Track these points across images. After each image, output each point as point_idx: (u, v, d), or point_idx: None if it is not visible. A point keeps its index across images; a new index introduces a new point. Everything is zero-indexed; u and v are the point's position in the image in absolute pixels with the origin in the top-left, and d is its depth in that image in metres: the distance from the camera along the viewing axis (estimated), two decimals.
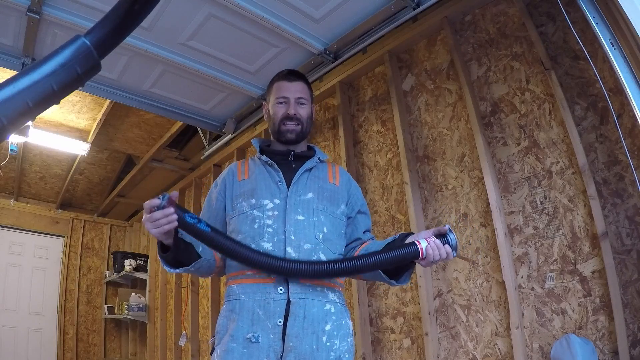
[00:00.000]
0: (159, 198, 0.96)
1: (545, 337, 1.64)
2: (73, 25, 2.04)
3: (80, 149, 3.98)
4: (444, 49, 2.23)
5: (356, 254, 1.27)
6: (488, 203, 1.84)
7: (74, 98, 3.48)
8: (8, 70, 2.36)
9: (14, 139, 3.70)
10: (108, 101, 3.34)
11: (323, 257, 1.20)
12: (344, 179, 1.39)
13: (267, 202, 1.23)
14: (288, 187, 1.26)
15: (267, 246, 1.17)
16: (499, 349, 1.77)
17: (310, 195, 1.26)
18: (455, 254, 1.08)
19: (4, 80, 0.46)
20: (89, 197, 5.48)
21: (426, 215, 2.13)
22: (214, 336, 1.21)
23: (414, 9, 2.06)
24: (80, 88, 2.46)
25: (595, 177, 1.59)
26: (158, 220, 0.96)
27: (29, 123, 3.39)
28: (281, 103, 1.33)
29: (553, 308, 1.64)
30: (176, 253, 1.09)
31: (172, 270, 1.14)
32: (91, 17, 2.03)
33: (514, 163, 1.85)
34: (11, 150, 3.97)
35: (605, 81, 1.58)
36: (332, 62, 2.44)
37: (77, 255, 5.32)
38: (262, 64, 2.49)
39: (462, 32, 2.15)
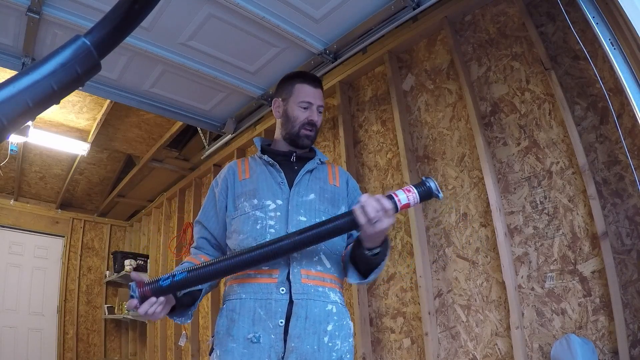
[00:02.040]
0: (130, 293, 0.99)
1: (545, 337, 1.64)
2: (73, 25, 2.04)
3: (80, 149, 3.98)
4: (444, 49, 2.23)
5: (344, 253, 1.27)
6: (488, 203, 1.84)
7: (74, 98, 3.48)
8: (8, 70, 2.37)
9: (14, 139, 3.70)
10: (108, 101, 3.34)
11: (324, 258, 1.20)
12: (343, 178, 1.39)
13: (269, 202, 1.23)
14: (290, 188, 1.26)
15: None
16: (499, 349, 1.77)
17: (312, 196, 1.26)
18: (440, 195, 1.01)
19: (4, 80, 0.46)
20: (89, 197, 5.48)
21: (426, 215, 2.13)
22: (213, 336, 1.21)
23: (414, 9, 2.06)
24: (80, 88, 2.46)
25: (595, 177, 1.59)
26: (147, 312, 0.98)
27: (29, 123, 3.39)
28: (305, 108, 1.34)
29: (553, 308, 1.64)
30: (181, 305, 1.12)
31: (187, 320, 1.16)
32: (91, 17, 2.03)
33: (514, 163, 1.85)
34: (11, 150, 3.97)
35: (605, 81, 1.58)
36: (332, 62, 2.44)
37: (77, 255, 5.32)
38: (262, 64, 2.49)
39: (462, 32, 2.15)
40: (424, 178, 1.04)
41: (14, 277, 4.78)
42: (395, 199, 1.01)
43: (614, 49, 1.28)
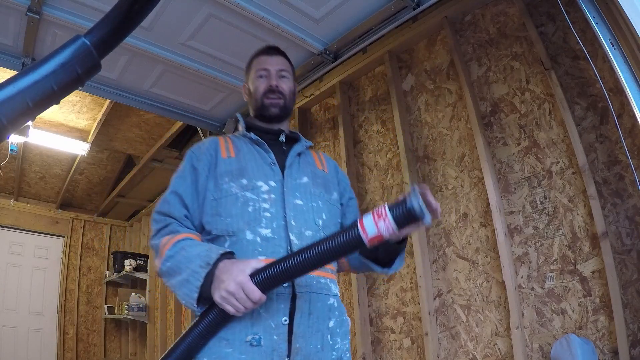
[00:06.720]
0: None
1: (545, 337, 1.64)
2: (73, 25, 2.03)
3: (80, 149, 3.98)
4: (444, 49, 2.23)
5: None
6: (488, 203, 1.84)
7: (74, 98, 3.48)
8: (8, 70, 2.37)
9: (14, 139, 3.70)
10: (108, 101, 3.34)
11: None
12: (331, 166, 1.32)
13: (261, 183, 1.10)
14: (281, 170, 1.15)
15: (265, 232, 1.04)
16: (499, 349, 1.77)
17: (305, 179, 1.17)
18: (426, 217, 0.79)
19: (4, 80, 0.46)
20: (89, 197, 5.48)
21: None
22: None
23: (414, 9, 2.06)
24: (80, 88, 2.46)
25: (595, 177, 1.59)
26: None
27: (29, 123, 3.39)
28: (262, 77, 1.24)
29: (553, 308, 1.64)
30: None
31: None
32: (91, 17, 2.02)
33: (514, 163, 1.85)
34: (11, 150, 3.98)
35: (605, 81, 1.58)
36: (332, 62, 2.44)
37: (77, 255, 5.33)
38: None
39: (462, 32, 2.15)
40: (409, 195, 0.79)
41: (14, 277, 4.78)
42: (361, 230, 0.79)
43: (614, 49, 1.28)
